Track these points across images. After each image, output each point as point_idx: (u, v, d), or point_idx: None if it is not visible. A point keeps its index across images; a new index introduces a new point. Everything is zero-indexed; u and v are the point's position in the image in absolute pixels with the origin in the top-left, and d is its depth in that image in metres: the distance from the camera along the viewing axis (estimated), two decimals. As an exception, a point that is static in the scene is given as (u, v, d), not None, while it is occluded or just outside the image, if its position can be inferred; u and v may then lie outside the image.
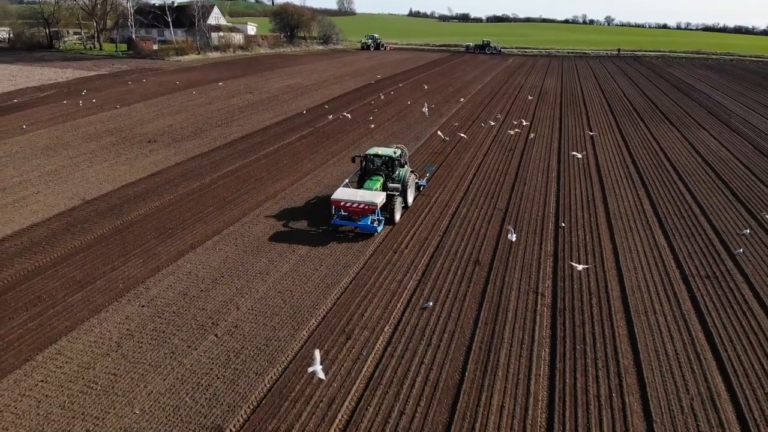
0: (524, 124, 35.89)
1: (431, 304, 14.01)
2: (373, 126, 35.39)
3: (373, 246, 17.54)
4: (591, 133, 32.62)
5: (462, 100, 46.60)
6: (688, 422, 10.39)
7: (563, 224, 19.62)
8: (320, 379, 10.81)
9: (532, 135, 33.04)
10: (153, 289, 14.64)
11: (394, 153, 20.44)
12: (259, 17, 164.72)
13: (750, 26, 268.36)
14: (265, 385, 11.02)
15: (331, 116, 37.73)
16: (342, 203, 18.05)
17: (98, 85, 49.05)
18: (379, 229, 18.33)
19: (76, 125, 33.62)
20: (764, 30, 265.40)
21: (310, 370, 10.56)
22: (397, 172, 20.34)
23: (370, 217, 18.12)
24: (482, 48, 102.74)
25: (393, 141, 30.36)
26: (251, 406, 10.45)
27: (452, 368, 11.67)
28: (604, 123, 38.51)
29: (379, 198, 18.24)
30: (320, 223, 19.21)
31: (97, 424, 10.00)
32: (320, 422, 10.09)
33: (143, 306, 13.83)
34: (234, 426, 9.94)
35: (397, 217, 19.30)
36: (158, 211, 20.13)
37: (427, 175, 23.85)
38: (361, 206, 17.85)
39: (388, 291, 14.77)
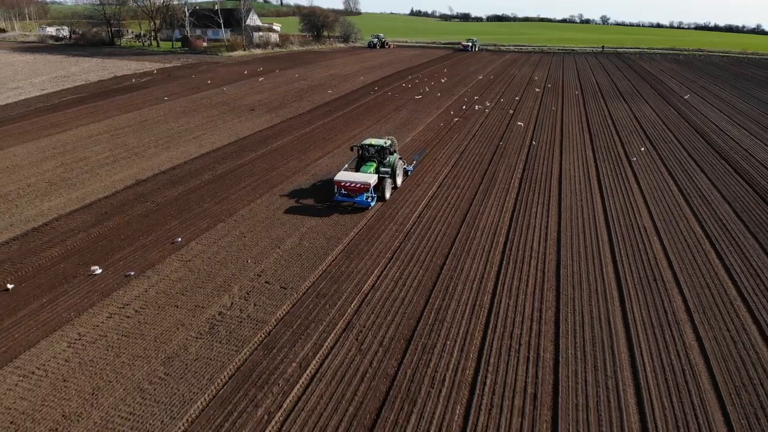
0: (516, 98, 48.96)
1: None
2: (419, 96, 48.51)
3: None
4: (553, 108, 45.97)
5: (475, 80, 59.73)
6: (580, 224, 23.32)
7: (534, 143, 32.97)
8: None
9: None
10: (312, 171, 27.71)
11: (385, 143, 24.16)
12: (271, 17, 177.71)
13: (740, 25, 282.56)
14: (362, 226, 24.18)
15: (373, 94, 50.90)
16: (342, 183, 22.17)
17: (184, 73, 62.04)
18: (372, 204, 22.39)
19: (192, 99, 46.71)
20: (753, 29, 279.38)
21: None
22: (387, 159, 24.26)
23: (365, 195, 22.20)
24: (470, 47, 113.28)
25: (421, 111, 43.52)
26: (358, 230, 23.56)
27: (467, 197, 24.85)
28: (573, 100, 51.64)
29: (372, 179, 22.27)
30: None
31: (294, 229, 23.05)
32: (393, 238, 23.28)
33: (313, 175, 27.00)
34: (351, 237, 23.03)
35: (387, 195, 23.43)
36: (290, 143, 33.25)
37: (414, 162, 28.40)
38: (357, 185, 21.95)
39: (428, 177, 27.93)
